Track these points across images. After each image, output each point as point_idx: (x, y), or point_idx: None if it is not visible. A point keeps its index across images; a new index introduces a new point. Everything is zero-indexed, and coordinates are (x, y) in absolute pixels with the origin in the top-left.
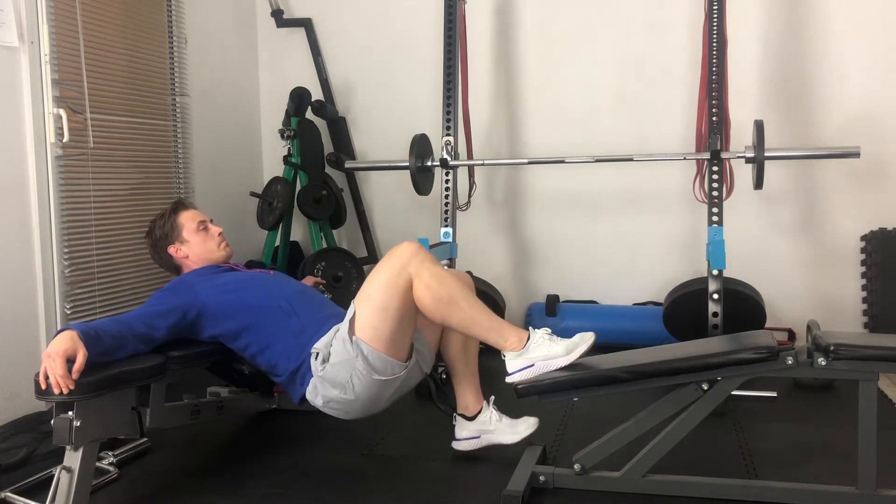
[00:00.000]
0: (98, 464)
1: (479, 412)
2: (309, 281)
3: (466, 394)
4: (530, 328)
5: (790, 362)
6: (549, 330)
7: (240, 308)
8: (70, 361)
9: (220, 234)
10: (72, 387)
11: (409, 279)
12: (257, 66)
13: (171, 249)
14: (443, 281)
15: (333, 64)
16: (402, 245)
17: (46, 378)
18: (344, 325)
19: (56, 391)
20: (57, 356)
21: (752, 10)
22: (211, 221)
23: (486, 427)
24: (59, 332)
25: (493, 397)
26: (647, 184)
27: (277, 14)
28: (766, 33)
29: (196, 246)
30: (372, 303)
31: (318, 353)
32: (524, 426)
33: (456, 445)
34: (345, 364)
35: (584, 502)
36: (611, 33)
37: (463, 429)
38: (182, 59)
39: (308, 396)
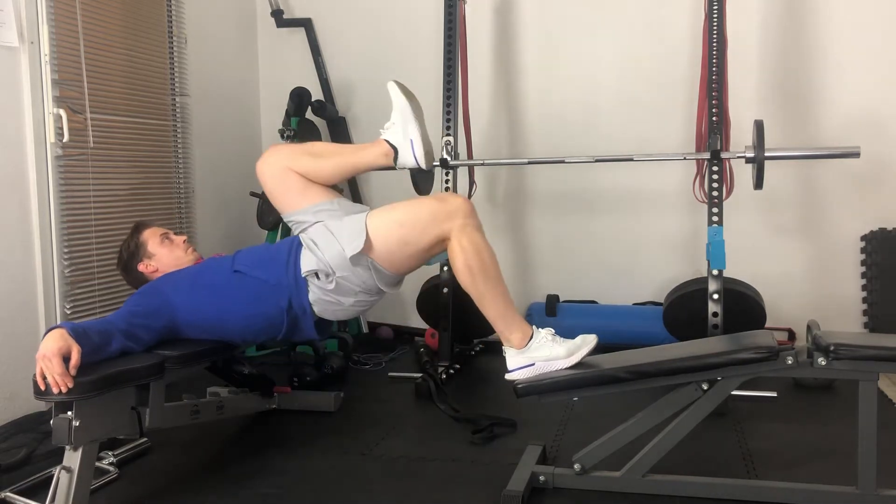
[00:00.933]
0: (98, 464)
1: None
2: None
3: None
4: (534, 327)
5: (790, 362)
6: (553, 331)
7: (205, 289)
8: (65, 360)
9: (184, 241)
10: (70, 385)
11: (447, 231)
12: (257, 66)
13: (141, 267)
14: (480, 252)
15: (333, 64)
16: (458, 197)
17: (44, 378)
18: (355, 240)
19: (55, 390)
20: (52, 355)
21: (752, 10)
22: (174, 233)
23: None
24: (47, 332)
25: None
26: (647, 184)
27: (277, 14)
28: (766, 33)
29: (164, 257)
30: (399, 232)
31: (316, 273)
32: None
33: (509, 376)
34: (353, 276)
35: (584, 502)
36: (611, 33)
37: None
38: (182, 59)
39: (319, 313)
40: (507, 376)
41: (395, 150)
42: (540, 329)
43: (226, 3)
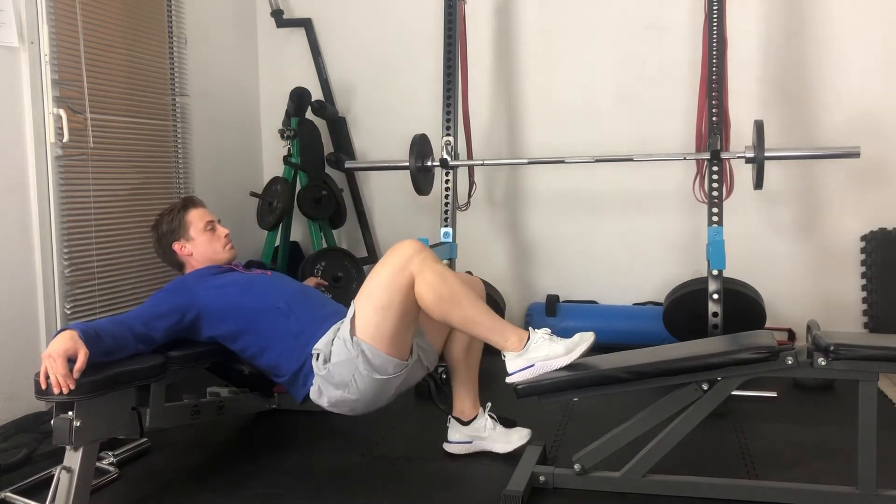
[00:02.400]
0: (98, 464)
1: (475, 418)
2: (311, 282)
3: (464, 398)
4: (530, 328)
5: (790, 362)
6: (549, 330)
7: (237, 310)
8: (71, 361)
9: (226, 235)
10: (72, 387)
11: (410, 277)
12: (257, 65)
13: (177, 246)
14: (445, 279)
15: (333, 64)
16: (403, 243)
17: (47, 378)
18: (345, 325)
19: (56, 391)
20: (58, 356)
21: (752, 10)
22: (219, 222)
23: (479, 433)
24: (59, 331)
25: (489, 404)
26: (647, 184)
27: (277, 14)
28: (766, 33)
29: (202, 245)
30: (373, 302)
31: (318, 354)
32: (517, 437)
33: (447, 447)
34: (346, 364)
35: (584, 502)
36: (611, 33)
37: (456, 432)
38: (182, 59)
39: (312, 397)
40: (508, 380)
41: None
42: (536, 329)
43: (226, 3)
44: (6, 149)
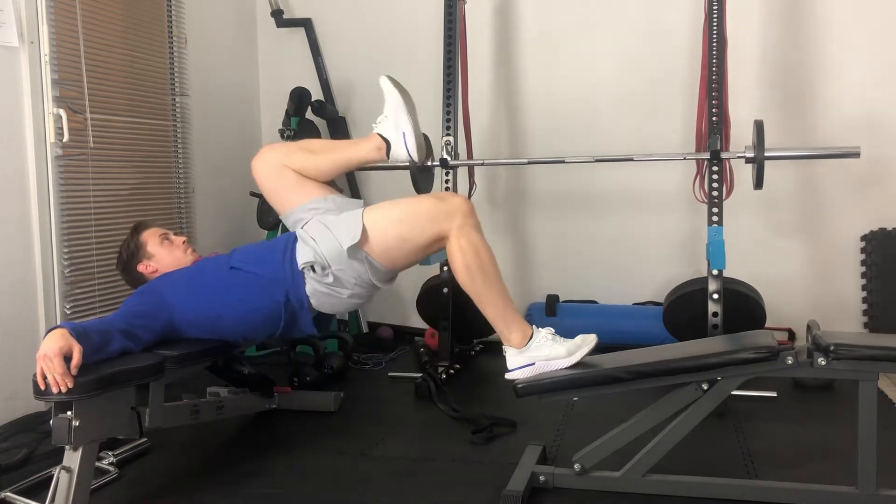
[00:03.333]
0: (98, 464)
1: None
2: None
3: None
4: (534, 326)
5: (790, 362)
6: (553, 330)
7: (203, 292)
8: (66, 359)
9: (183, 241)
10: (71, 384)
11: (446, 230)
12: (257, 66)
13: (141, 267)
14: (478, 252)
15: (333, 64)
16: (458, 197)
17: (45, 378)
18: (348, 232)
19: (56, 390)
20: (54, 355)
21: (752, 10)
22: (173, 233)
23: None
24: (48, 331)
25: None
26: (647, 184)
27: (277, 14)
28: (766, 33)
29: (164, 258)
30: (396, 229)
31: (311, 266)
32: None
33: (509, 375)
34: (353, 266)
35: (584, 502)
36: (611, 33)
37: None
38: (182, 59)
39: (317, 306)
40: (508, 376)
41: (388, 143)
42: (540, 329)
43: (226, 3)
44: (6, 149)
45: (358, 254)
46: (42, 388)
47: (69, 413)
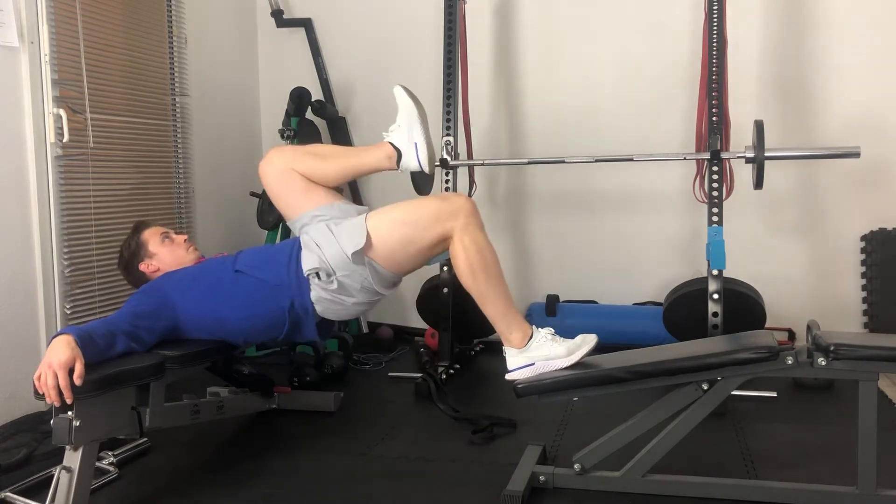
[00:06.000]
0: (98, 464)
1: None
2: None
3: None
4: (534, 327)
5: (790, 362)
6: (553, 330)
7: (207, 293)
8: (70, 370)
9: (185, 240)
10: (70, 400)
11: (450, 231)
12: (257, 66)
13: (143, 266)
14: (481, 251)
15: (333, 64)
16: (461, 196)
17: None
18: (352, 239)
19: (58, 403)
20: (60, 367)
21: (752, 10)
22: (174, 232)
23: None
24: (54, 336)
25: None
26: (648, 184)
27: (277, 14)
28: (766, 33)
29: (165, 256)
30: (400, 231)
31: (317, 272)
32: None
33: (509, 376)
34: (357, 273)
35: (584, 502)
36: (611, 33)
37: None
38: (182, 59)
39: (322, 313)
40: (508, 376)
41: (399, 152)
42: (540, 329)
43: (226, 3)
44: (6, 149)
45: (362, 259)
46: (41, 392)
47: (70, 413)
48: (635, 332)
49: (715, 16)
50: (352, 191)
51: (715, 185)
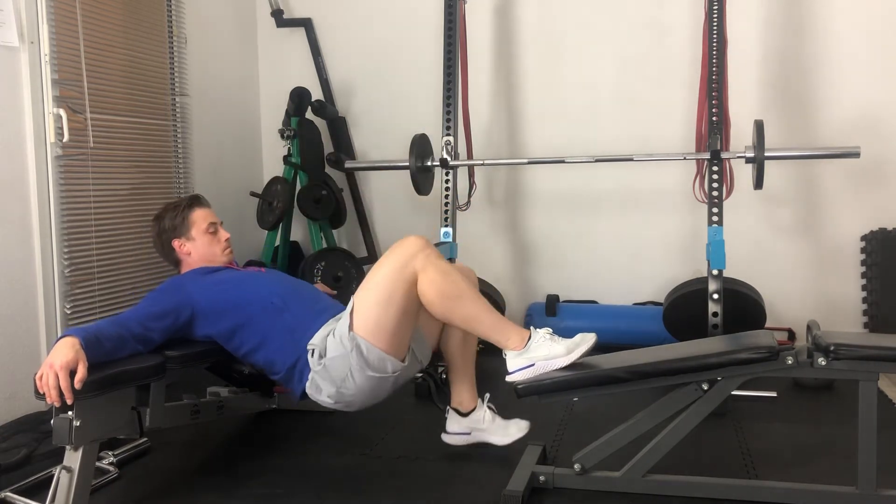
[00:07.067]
0: (98, 464)
1: (473, 410)
2: (318, 287)
3: (462, 390)
4: (532, 328)
5: (790, 362)
6: (551, 330)
7: (231, 307)
8: (72, 372)
9: (227, 239)
10: (70, 402)
11: (414, 273)
12: (257, 66)
13: (176, 243)
14: (448, 276)
15: (333, 64)
16: (408, 238)
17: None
18: (343, 320)
19: (58, 403)
20: (62, 369)
21: (752, 10)
22: (221, 224)
23: (478, 425)
24: (60, 337)
25: (487, 395)
26: (647, 184)
27: (277, 14)
28: (766, 33)
29: (202, 247)
30: (375, 296)
31: (314, 349)
32: (515, 429)
33: (446, 438)
34: (341, 359)
35: (584, 502)
36: (611, 33)
37: (455, 423)
38: (182, 59)
39: (309, 392)
40: (508, 378)
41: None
42: (538, 329)
43: (226, 3)
44: (6, 148)
45: (350, 338)
46: (43, 393)
47: (70, 413)
48: (635, 332)
49: (715, 16)
50: (351, 189)
51: (715, 185)
